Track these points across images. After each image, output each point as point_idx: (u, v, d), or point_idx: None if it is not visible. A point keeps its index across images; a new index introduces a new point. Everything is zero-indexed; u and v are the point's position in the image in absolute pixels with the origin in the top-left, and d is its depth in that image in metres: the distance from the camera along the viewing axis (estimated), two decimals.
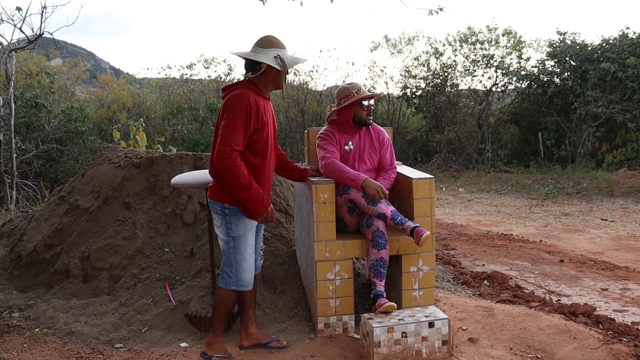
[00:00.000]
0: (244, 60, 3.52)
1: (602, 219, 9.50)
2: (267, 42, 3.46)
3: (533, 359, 3.49)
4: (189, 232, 4.75)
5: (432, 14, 5.60)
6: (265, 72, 3.43)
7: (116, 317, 4.05)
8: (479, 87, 18.39)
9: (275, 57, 3.41)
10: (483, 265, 6.45)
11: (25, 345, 3.73)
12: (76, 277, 4.53)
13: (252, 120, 3.34)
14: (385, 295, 3.68)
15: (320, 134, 4.08)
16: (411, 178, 3.82)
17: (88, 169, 5.46)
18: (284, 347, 3.67)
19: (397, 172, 4.10)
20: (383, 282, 3.72)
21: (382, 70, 20.24)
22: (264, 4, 5.87)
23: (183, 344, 3.75)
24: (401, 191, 4.03)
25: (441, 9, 5.65)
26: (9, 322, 4.08)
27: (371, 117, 4.04)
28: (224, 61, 22.73)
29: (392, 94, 19.67)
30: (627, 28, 15.58)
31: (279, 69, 3.43)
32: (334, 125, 4.10)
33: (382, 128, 4.17)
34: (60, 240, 4.91)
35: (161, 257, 4.56)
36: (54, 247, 4.90)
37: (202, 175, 4.12)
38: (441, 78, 18.59)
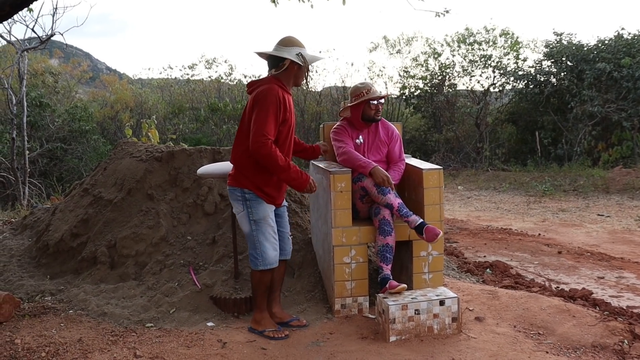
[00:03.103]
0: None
1: (598, 215, 9.78)
2: (289, 41, 3.79)
3: (535, 335, 3.77)
4: (210, 221, 5.03)
5: (438, 16, 5.88)
6: (288, 68, 3.76)
7: (145, 300, 4.32)
8: (477, 87, 18.69)
9: (297, 54, 3.74)
10: (484, 256, 6.73)
11: (62, 324, 3.99)
12: (103, 263, 4.80)
13: (281, 112, 3.66)
14: (392, 278, 3.96)
15: (334, 129, 4.45)
16: (421, 169, 4.11)
17: (110, 163, 5.73)
18: (304, 326, 3.97)
19: (407, 164, 4.40)
20: (389, 267, 4.01)
21: (381, 71, 20.57)
22: (276, 5, 6.13)
23: (209, 323, 4.03)
24: (411, 181, 4.31)
25: (447, 12, 5.93)
26: (43, 305, 4.34)
27: (379, 115, 4.38)
28: (225, 61, 23.07)
29: (391, 94, 19.97)
30: (622, 29, 15.91)
31: (301, 64, 3.77)
32: (345, 121, 4.46)
33: (391, 124, 4.48)
34: (87, 230, 5.18)
35: (184, 245, 4.83)
36: (81, 236, 5.16)
37: (226, 166, 4.40)
38: (439, 78, 18.86)
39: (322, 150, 4.33)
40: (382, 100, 4.37)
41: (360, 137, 4.35)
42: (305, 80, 3.88)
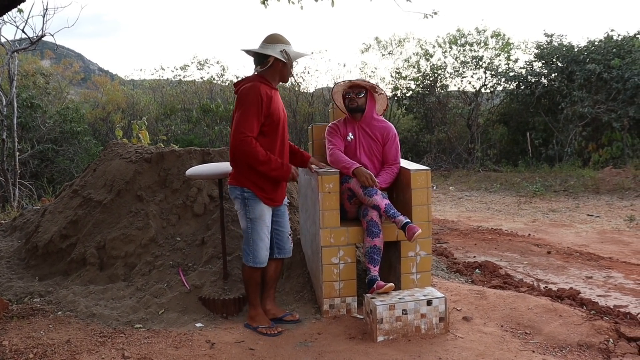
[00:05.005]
0: (247, 57, 3.92)
1: (588, 215, 9.85)
2: (274, 39, 3.85)
3: (522, 334, 3.80)
4: (199, 222, 5.03)
5: (426, 17, 5.92)
6: (272, 65, 3.82)
7: (134, 301, 4.32)
8: (469, 88, 18.76)
9: (281, 51, 3.81)
10: (474, 256, 6.76)
11: (50, 326, 3.98)
12: (93, 265, 4.80)
13: (264, 108, 3.72)
14: (379, 279, 3.98)
15: (328, 127, 4.46)
16: (409, 170, 4.13)
17: (100, 164, 5.73)
18: (297, 321, 4.03)
19: None
20: (377, 268, 4.02)
21: (373, 72, 20.61)
22: (265, 6, 6.15)
23: (198, 324, 4.03)
24: (400, 182, 4.33)
25: (435, 13, 5.96)
26: (32, 306, 4.33)
27: (354, 104, 4.32)
28: (217, 62, 23.06)
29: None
30: (612, 30, 16.09)
31: (285, 61, 3.82)
32: (342, 118, 4.49)
33: (389, 123, 4.46)
34: (76, 231, 5.17)
35: (173, 246, 4.84)
36: (70, 238, 5.15)
37: (215, 167, 4.42)
38: (431, 79, 18.91)
39: (311, 163, 4.26)
40: (362, 94, 4.32)
41: (351, 133, 4.33)
42: (290, 76, 3.94)
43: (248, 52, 3.91)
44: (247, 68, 35.72)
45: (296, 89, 20.63)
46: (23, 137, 15.14)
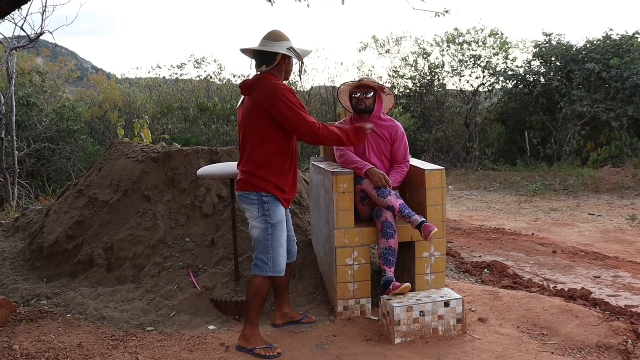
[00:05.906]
0: (245, 55, 3.78)
1: (589, 214, 9.85)
2: (277, 36, 3.67)
3: (539, 335, 3.77)
4: (208, 222, 4.96)
5: (438, 15, 5.89)
6: (279, 63, 3.65)
7: (144, 303, 4.25)
8: (466, 86, 18.76)
9: (288, 48, 3.64)
10: (480, 256, 6.73)
11: (60, 329, 3.91)
12: (100, 266, 4.72)
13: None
14: (395, 280, 3.93)
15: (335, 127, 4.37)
16: (423, 169, 4.08)
17: (105, 164, 5.65)
18: (313, 322, 3.99)
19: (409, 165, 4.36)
20: (392, 269, 3.97)
21: (370, 70, 20.57)
22: (272, 4, 6.09)
23: (211, 327, 3.97)
24: (413, 182, 4.28)
25: (447, 11, 5.94)
26: (40, 309, 4.26)
27: (363, 105, 4.28)
28: (214, 61, 22.95)
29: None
30: (611, 30, 16.13)
31: (295, 58, 3.69)
32: (348, 117, 4.46)
33: (396, 122, 4.41)
34: (82, 232, 5.09)
35: (183, 247, 4.77)
36: (76, 238, 5.07)
37: (226, 167, 4.35)
38: (429, 78, 18.90)
39: None
40: (370, 93, 4.28)
41: None
42: (301, 74, 3.84)
43: (244, 51, 3.72)
44: (244, 66, 35.61)
45: (292, 87, 20.57)
46: (19, 136, 15.01)
